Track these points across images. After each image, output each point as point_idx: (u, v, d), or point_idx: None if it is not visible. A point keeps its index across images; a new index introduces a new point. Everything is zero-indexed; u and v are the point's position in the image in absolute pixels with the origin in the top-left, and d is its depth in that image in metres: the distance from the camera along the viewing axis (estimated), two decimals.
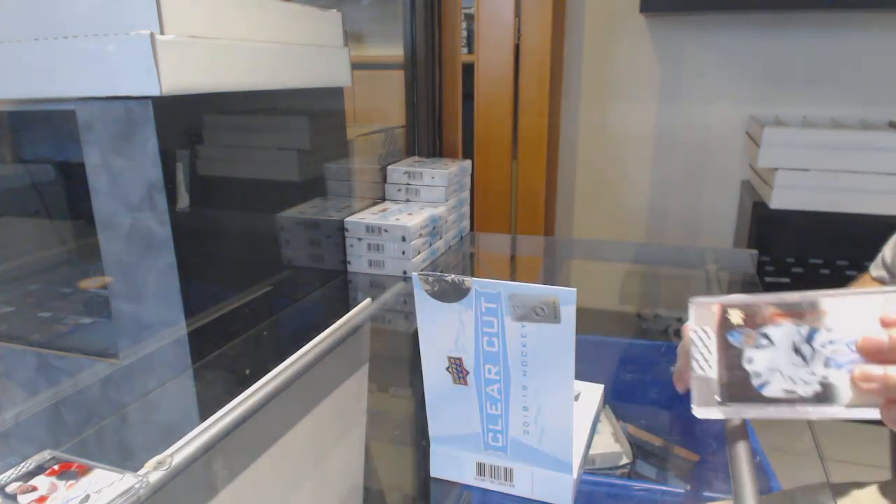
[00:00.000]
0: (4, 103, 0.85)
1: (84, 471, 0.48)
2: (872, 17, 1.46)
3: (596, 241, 1.70)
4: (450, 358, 0.47)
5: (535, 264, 1.35)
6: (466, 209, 1.35)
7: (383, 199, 1.26)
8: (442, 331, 0.46)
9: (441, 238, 1.20)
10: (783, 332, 0.35)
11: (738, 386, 0.35)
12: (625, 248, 1.48)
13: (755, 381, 0.34)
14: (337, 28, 1.03)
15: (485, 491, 0.56)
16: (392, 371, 0.92)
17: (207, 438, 0.57)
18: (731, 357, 0.36)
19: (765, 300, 0.37)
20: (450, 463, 0.53)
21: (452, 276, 0.44)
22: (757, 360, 0.35)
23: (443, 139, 1.52)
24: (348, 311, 0.86)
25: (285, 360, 0.72)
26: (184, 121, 0.74)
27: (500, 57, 1.51)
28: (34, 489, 0.46)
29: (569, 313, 0.41)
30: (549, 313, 0.41)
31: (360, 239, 1.10)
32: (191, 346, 0.76)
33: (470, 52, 1.65)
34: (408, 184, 1.24)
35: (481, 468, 0.51)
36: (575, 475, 0.48)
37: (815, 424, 0.63)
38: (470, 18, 1.65)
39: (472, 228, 1.40)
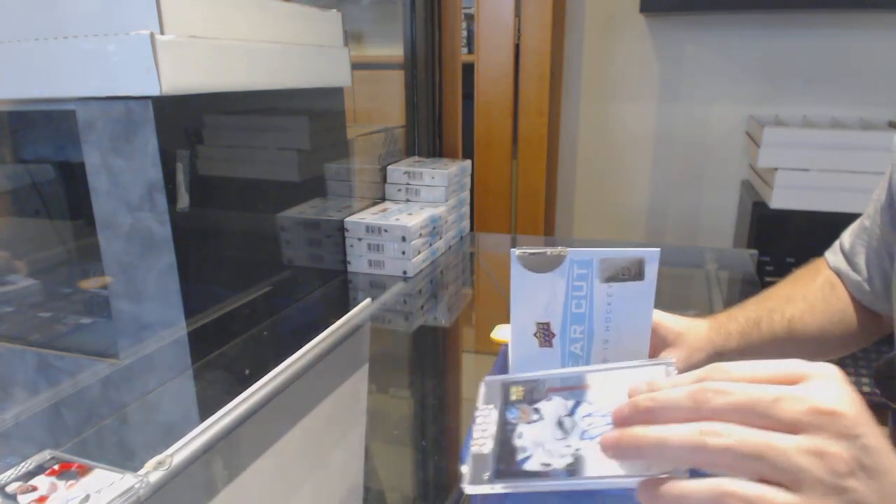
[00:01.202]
0: (4, 103, 0.85)
1: (84, 471, 0.48)
2: (872, 17, 1.46)
3: (596, 241, 1.70)
4: (538, 323, 0.49)
5: None
6: (466, 209, 1.35)
7: (383, 199, 1.26)
8: (533, 299, 0.48)
9: (441, 238, 1.20)
10: (553, 406, 0.37)
11: (504, 461, 0.35)
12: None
13: (519, 456, 0.35)
14: (337, 28, 1.03)
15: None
16: (392, 371, 0.92)
17: (207, 438, 0.57)
18: (506, 433, 0.37)
19: (545, 376, 0.40)
20: None
21: (550, 249, 0.47)
22: (526, 435, 0.37)
23: (443, 139, 1.52)
24: (348, 311, 0.86)
25: (285, 360, 0.72)
26: (184, 121, 0.74)
27: (500, 57, 1.51)
28: (34, 489, 0.46)
29: (652, 271, 0.46)
30: (634, 272, 0.46)
31: (360, 239, 1.10)
32: (191, 347, 0.76)
33: (470, 52, 1.65)
34: (408, 184, 1.24)
35: (560, 423, 0.54)
36: None
37: None
38: (470, 18, 1.65)
39: (472, 228, 1.40)
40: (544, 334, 0.50)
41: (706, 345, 0.59)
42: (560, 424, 0.37)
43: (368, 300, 0.91)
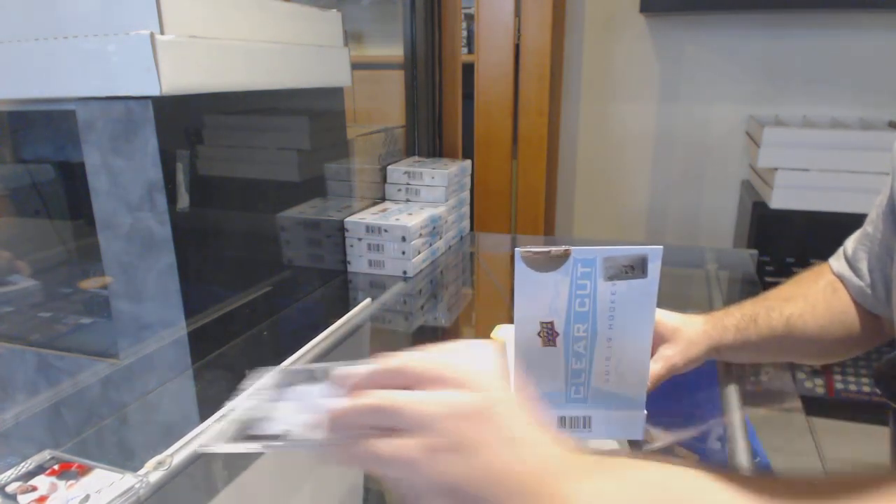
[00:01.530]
0: (4, 103, 0.85)
1: (84, 471, 0.48)
2: (872, 17, 1.46)
3: (596, 241, 1.70)
4: (541, 322, 0.49)
5: None
6: (466, 209, 1.35)
7: (383, 199, 1.26)
8: (537, 298, 0.48)
9: (441, 238, 1.20)
10: (302, 389, 0.43)
11: (244, 428, 0.41)
12: None
13: (256, 424, 0.41)
14: (337, 28, 1.03)
15: None
16: None
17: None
18: (253, 408, 0.42)
19: (302, 368, 0.45)
20: None
21: (554, 248, 0.47)
22: (272, 410, 0.42)
23: (443, 139, 1.52)
24: (348, 311, 0.87)
25: (285, 360, 0.72)
26: (184, 121, 0.74)
27: (500, 57, 1.51)
28: (34, 489, 0.46)
29: (655, 268, 0.46)
30: (637, 270, 0.46)
31: (360, 239, 1.10)
32: (191, 346, 0.76)
33: (470, 52, 1.65)
34: (408, 184, 1.24)
35: (563, 421, 0.54)
36: (645, 410, 0.54)
37: (814, 425, 0.63)
38: (470, 18, 1.65)
39: (472, 228, 1.40)
40: (548, 333, 0.50)
41: (703, 339, 0.60)
42: (298, 403, 0.42)
43: (368, 300, 0.92)
